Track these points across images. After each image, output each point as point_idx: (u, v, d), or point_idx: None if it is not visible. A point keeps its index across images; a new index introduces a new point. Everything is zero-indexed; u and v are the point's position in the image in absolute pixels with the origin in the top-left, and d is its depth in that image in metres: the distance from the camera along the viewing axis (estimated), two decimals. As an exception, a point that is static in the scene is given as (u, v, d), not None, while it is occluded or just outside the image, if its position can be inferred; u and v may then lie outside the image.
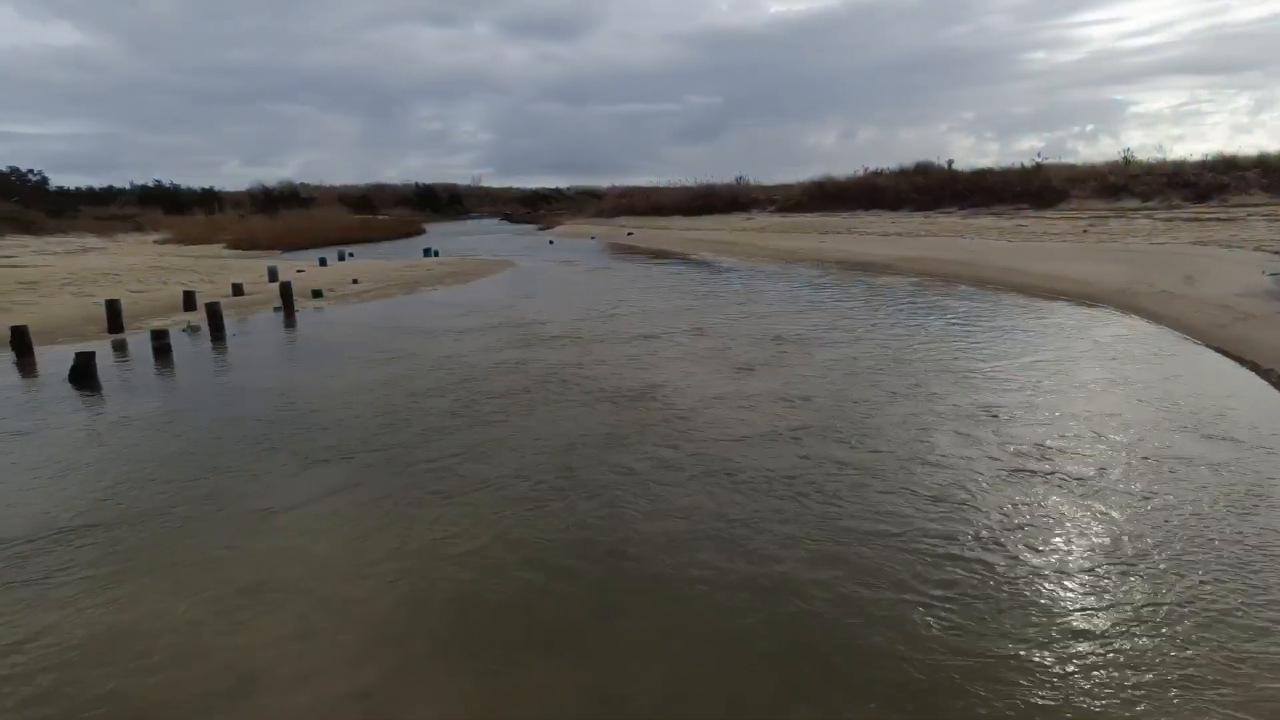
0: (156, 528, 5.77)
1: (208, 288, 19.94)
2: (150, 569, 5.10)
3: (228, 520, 5.87)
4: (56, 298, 17.26)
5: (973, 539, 5.24)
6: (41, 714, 3.65)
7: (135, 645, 4.19)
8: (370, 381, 10.40)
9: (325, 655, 4.08)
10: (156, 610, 4.56)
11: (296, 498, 6.29)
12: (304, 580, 4.88)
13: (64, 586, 4.88)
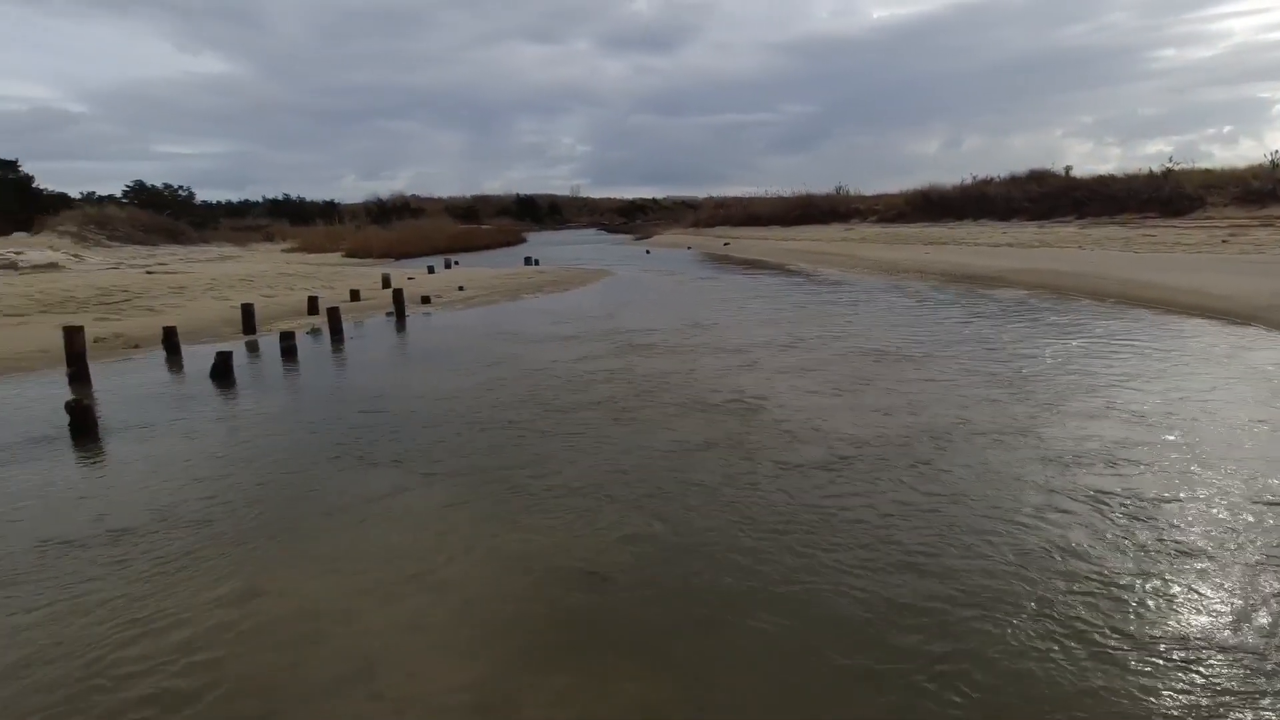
0: (283, 517, 6.17)
1: (328, 293, 21.26)
2: (276, 557, 5.46)
3: (344, 512, 6.21)
4: (200, 301, 18.87)
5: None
6: (190, 684, 3.97)
7: (267, 628, 4.49)
8: (474, 384, 10.81)
9: (436, 649, 4.24)
10: (282, 596, 4.86)
11: (405, 493, 6.58)
12: (413, 575, 5.10)
13: (197, 569, 5.28)
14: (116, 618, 4.62)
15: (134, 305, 17.54)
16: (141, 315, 16.76)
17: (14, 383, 11.44)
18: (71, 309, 16.54)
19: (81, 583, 5.08)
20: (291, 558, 5.42)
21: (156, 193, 52.98)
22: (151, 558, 5.43)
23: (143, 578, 5.13)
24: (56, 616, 4.66)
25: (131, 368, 12.75)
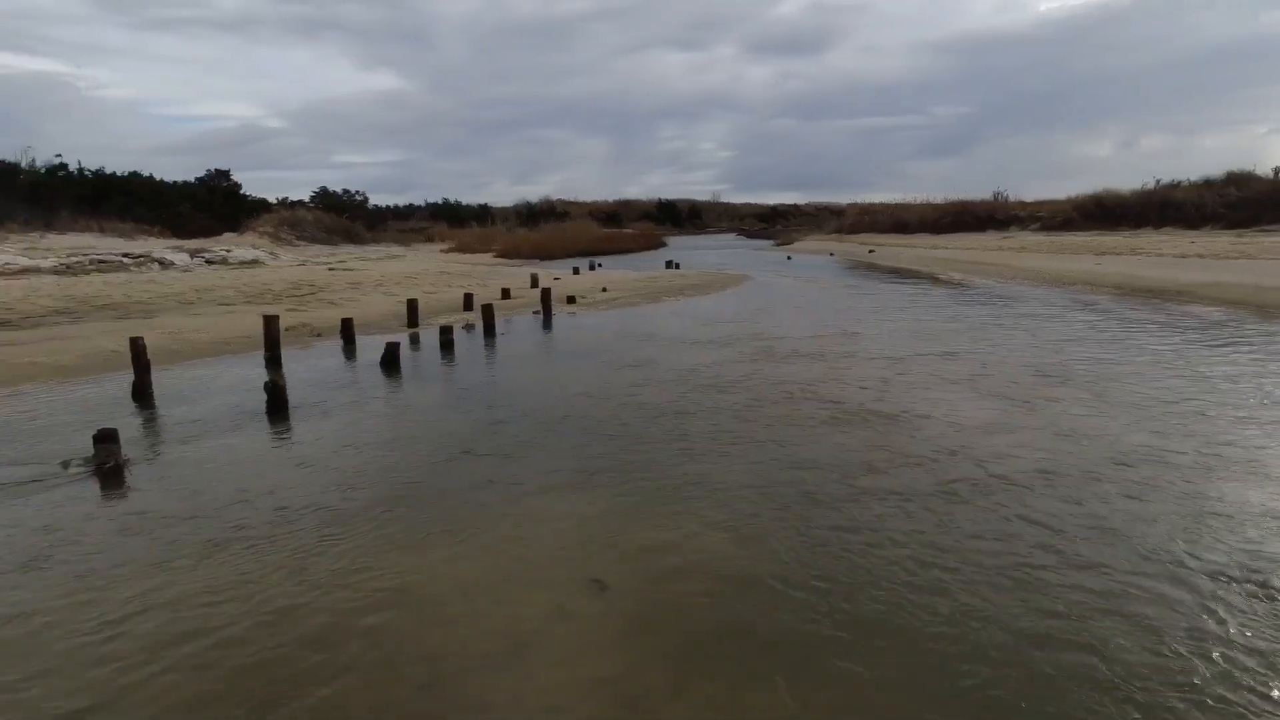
0: (441, 499, 6.57)
1: (482, 291, 22.55)
2: (437, 536, 5.81)
3: (496, 498, 6.54)
4: (371, 296, 20.64)
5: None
6: (361, 646, 4.33)
7: (430, 601, 4.81)
8: (619, 384, 11.08)
9: (584, 638, 4.36)
10: (442, 573, 5.18)
11: (553, 484, 6.82)
12: (562, 565, 5.28)
13: (366, 541, 5.72)
14: (295, 579, 5.13)
15: (317, 298, 19.47)
16: (324, 307, 18.56)
17: (225, 362, 13.03)
18: (268, 300, 18.61)
19: (264, 543, 5.70)
20: (450, 538, 5.78)
21: (337, 198, 58.47)
22: (322, 527, 5.97)
23: (314, 546, 5.65)
24: (242, 575, 5.25)
25: (314, 354, 14.13)
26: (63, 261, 21.57)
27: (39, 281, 19.09)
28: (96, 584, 5.06)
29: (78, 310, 16.47)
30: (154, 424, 9.22)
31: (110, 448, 7.45)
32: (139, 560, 5.41)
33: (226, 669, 4.11)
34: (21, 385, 11.04)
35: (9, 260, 20.53)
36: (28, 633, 4.48)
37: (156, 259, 24.32)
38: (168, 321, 15.99)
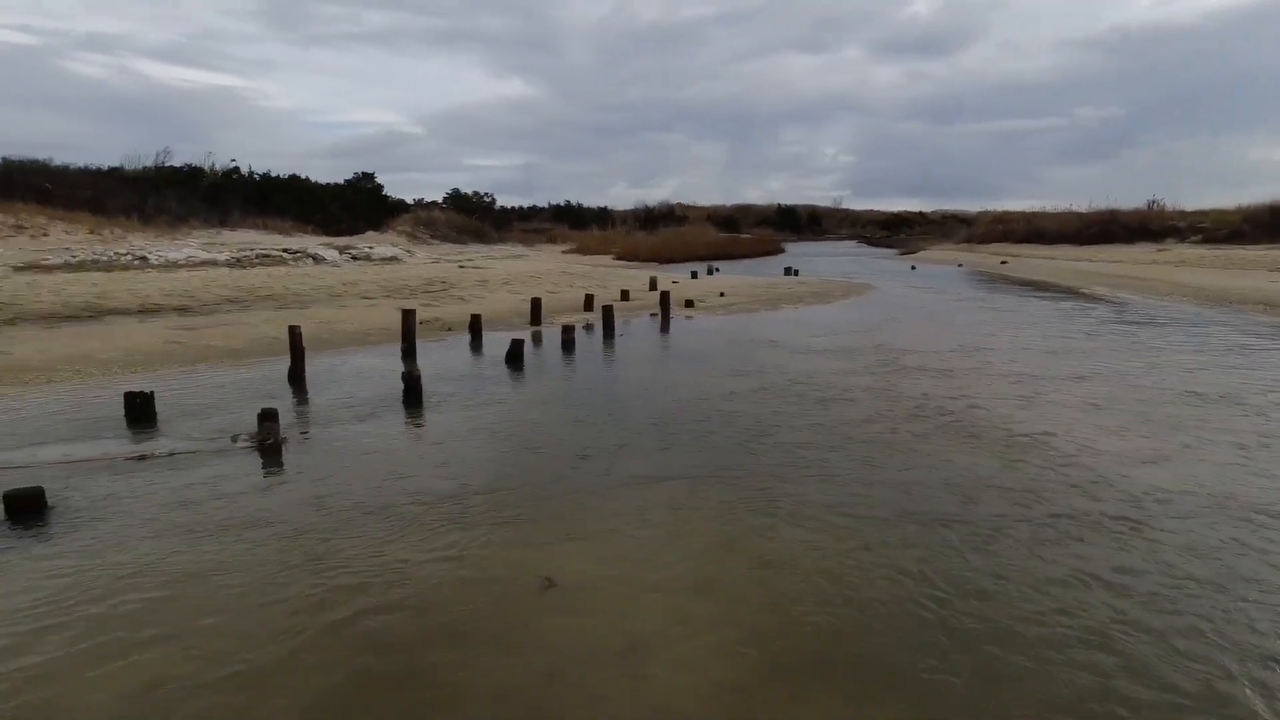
0: (563, 493, 6.79)
1: (601, 292, 23.06)
2: (558, 530, 6.01)
3: (615, 497, 6.67)
4: (497, 293, 21.60)
5: None
6: (486, 630, 4.55)
7: (551, 592, 5.00)
8: (736, 390, 11.05)
9: (701, 644, 4.39)
10: (563, 567, 5.35)
11: (670, 487, 6.89)
12: (680, 568, 5.34)
13: (489, 531, 6.00)
14: (425, 556, 5.45)
15: (449, 294, 20.60)
16: (454, 303, 19.60)
17: (366, 352, 14.04)
18: (405, 295, 19.87)
19: (399, 521, 6.09)
20: (568, 532, 5.96)
21: (467, 199, 61.50)
22: (450, 510, 6.30)
23: (442, 527, 5.97)
24: (377, 549, 5.64)
25: (445, 347, 14.95)
26: (234, 255, 23.97)
27: (215, 273, 21.30)
28: (252, 543, 5.60)
29: (245, 300, 18.23)
30: (306, 406, 10.06)
31: (271, 426, 8.21)
32: (287, 527, 5.93)
33: (359, 632, 4.45)
34: (198, 365, 12.35)
35: (191, 253, 23.06)
36: (204, 584, 5.02)
37: (311, 254, 26.53)
38: (319, 312, 17.40)
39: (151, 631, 4.46)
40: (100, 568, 5.27)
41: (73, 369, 11.45)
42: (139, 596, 4.88)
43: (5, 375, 10.87)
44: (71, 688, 3.93)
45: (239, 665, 4.13)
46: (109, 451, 7.82)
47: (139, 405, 9.02)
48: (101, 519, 6.09)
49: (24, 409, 9.42)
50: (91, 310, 15.61)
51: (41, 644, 4.32)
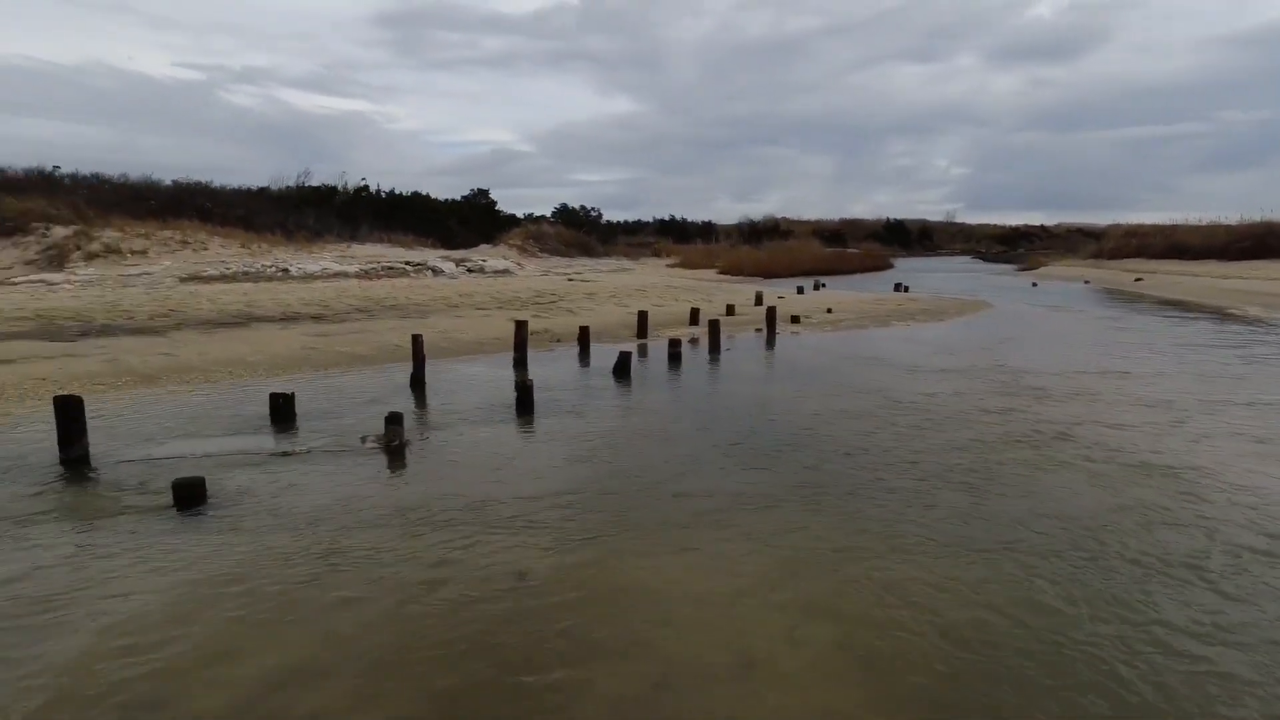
0: (672, 505, 6.85)
1: (707, 306, 23.10)
2: (667, 540, 6.07)
3: (722, 511, 6.66)
4: (605, 306, 22.06)
5: None
6: (602, 636, 4.65)
7: (661, 602, 5.05)
8: (844, 408, 10.80)
9: (814, 666, 4.34)
10: (672, 579, 5.40)
11: (777, 504, 6.83)
12: (789, 587, 5.28)
13: (591, 539, 6.13)
14: (540, 559, 5.62)
15: (558, 306, 21.23)
16: (563, 315, 20.19)
17: (480, 361, 14.68)
18: (516, 306, 20.64)
19: (514, 523, 6.31)
20: (679, 544, 6.00)
21: (574, 213, 63.16)
22: (564, 516, 6.48)
23: (557, 531, 6.14)
24: (493, 549, 5.88)
25: (554, 357, 15.40)
26: (363, 268, 25.70)
27: (345, 284, 22.92)
28: (380, 539, 5.97)
29: (372, 309, 19.48)
30: (426, 410, 10.63)
31: (396, 429, 8.72)
32: (411, 526, 6.29)
33: (474, 631, 4.64)
34: (331, 369, 13.28)
35: (326, 266, 24.90)
36: (338, 574, 5.40)
37: (430, 267, 28.05)
38: (438, 322, 18.35)
39: (293, 615, 4.84)
40: (251, 553, 5.77)
41: (226, 370, 12.59)
42: (283, 582, 5.30)
43: (172, 374, 12.08)
44: (225, 662, 4.31)
45: (366, 655, 4.41)
46: (257, 447, 8.54)
47: (282, 405, 9.79)
48: (252, 509, 6.66)
49: (187, 405, 10.43)
50: (242, 317, 17.12)
51: (201, 618, 4.78)
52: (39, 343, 13.90)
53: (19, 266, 23.81)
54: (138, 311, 17.06)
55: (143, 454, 8.15)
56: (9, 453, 8.09)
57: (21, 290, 19.50)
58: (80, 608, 4.90)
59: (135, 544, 5.90)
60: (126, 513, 6.53)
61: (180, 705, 3.92)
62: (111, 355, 13.10)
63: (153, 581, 5.27)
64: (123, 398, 10.65)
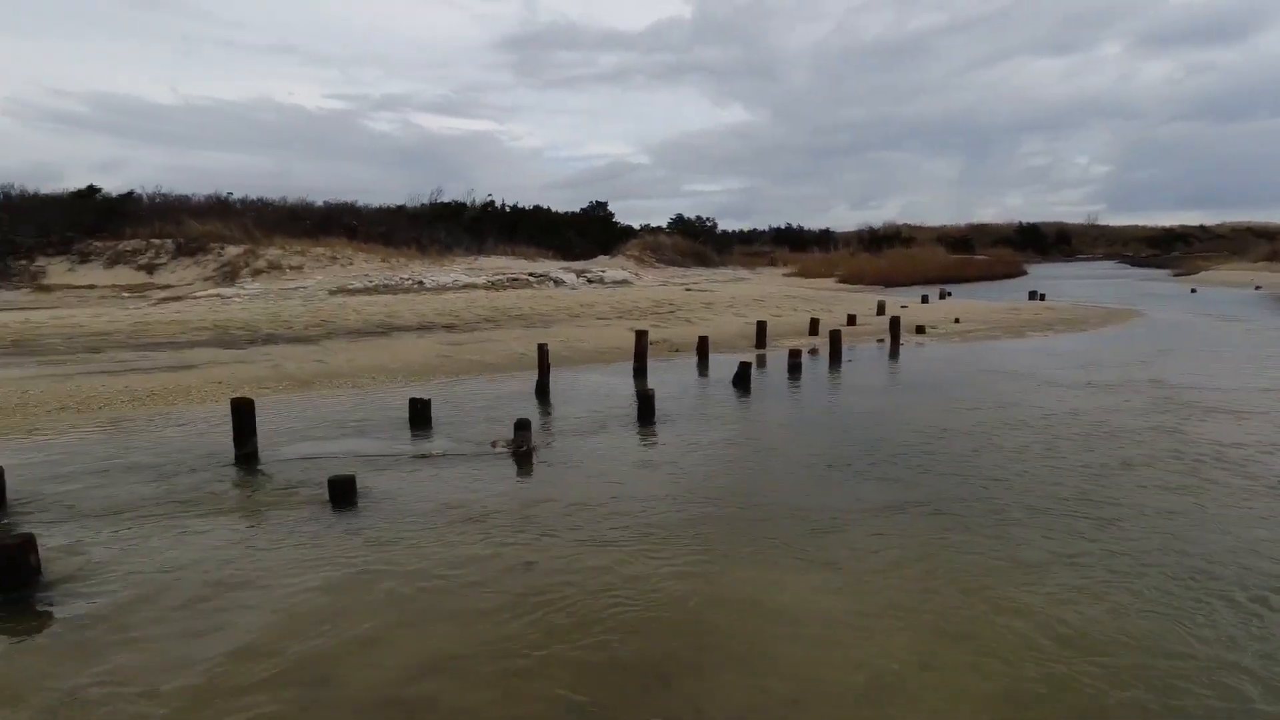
0: (794, 519, 6.74)
1: (826, 316, 22.62)
2: (791, 557, 5.99)
3: (850, 528, 6.49)
4: (722, 316, 22.07)
5: None
6: (730, 648, 4.66)
7: (790, 620, 4.99)
8: (976, 424, 10.27)
9: (949, 695, 4.16)
10: (798, 595, 5.32)
11: (903, 523, 6.59)
12: (920, 609, 5.09)
13: (727, 549, 6.11)
14: (665, 568, 5.69)
15: (676, 316, 21.44)
16: (681, 325, 20.37)
17: (600, 369, 15.06)
18: (635, 316, 21.03)
19: (639, 531, 6.42)
20: (804, 559, 5.91)
21: (690, 224, 63.51)
22: (686, 525, 6.51)
23: (680, 541, 6.18)
24: (618, 554, 6.00)
25: (673, 367, 15.55)
26: (490, 279, 27.03)
27: (474, 295, 24.17)
28: (511, 542, 6.24)
29: (499, 319, 20.43)
30: (551, 417, 11.02)
31: (524, 435, 9.11)
32: (539, 530, 6.53)
33: (602, 637, 4.74)
34: (461, 376, 14.04)
35: (456, 277, 26.40)
36: (475, 573, 5.71)
37: (552, 278, 29.08)
38: (560, 331, 18.98)
39: (435, 609, 5.14)
40: (396, 548, 6.19)
41: (369, 376, 13.58)
42: (425, 577, 5.65)
43: (323, 379, 13.18)
44: (377, 649, 4.64)
45: (502, 653, 4.62)
46: (398, 448, 9.16)
47: (419, 410, 10.45)
48: (396, 507, 7.15)
49: (336, 408, 11.34)
50: (383, 327, 18.42)
51: (355, 606, 5.18)
52: (216, 350, 15.54)
53: (199, 282, 26.80)
54: (295, 322, 18.73)
55: (300, 452, 8.93)
56: (196, 446, 9.09)
57: (202, 303, 21.89)
58: (254, 590, 5.44)
59: (298, 534, 6.47)
60: (289, 506, 7.18)
61: (341, 686, 4.26)
62: (274, 361, 14.44)
63: (313, 570, 5.76)
64: (282, 400, 11.72)
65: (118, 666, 4.44)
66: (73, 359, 14.47)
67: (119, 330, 17.35)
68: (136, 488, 7.61)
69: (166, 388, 12.13)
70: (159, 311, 20.48)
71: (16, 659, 4.60)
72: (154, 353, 15.23)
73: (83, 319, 18.70)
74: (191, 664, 4.46)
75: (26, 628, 4.96)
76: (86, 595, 5.34)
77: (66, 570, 5.68)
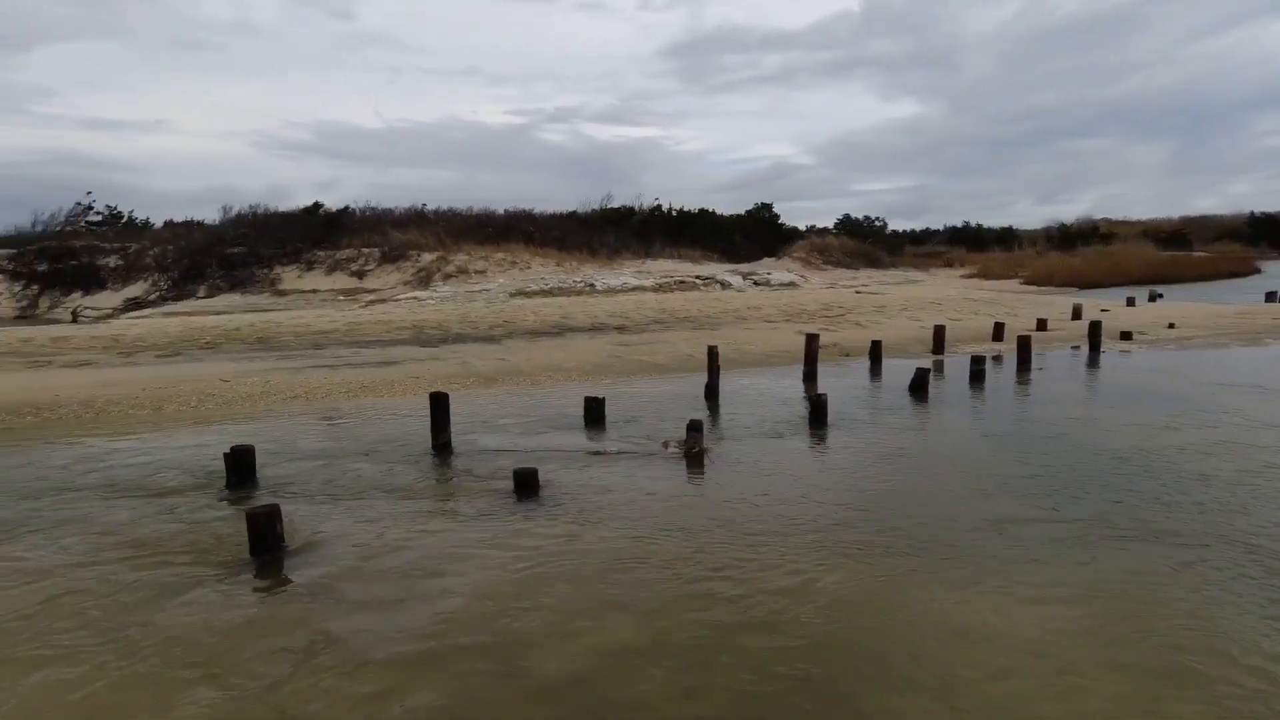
0: (981, 538, 6.32)
1: (1012, 320, 20.95)
2: (975, 577, 5.62)
3: (1046, 553, 5.98)
4: (895, 320, 21.12)
5: None
6: (913, 672, 4.47)
7: (978, 645, 4.70)
8: (1190, 442, 9.03)
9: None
10: (988, 620, 4.98)
11: (1114, 555, 5.95)
12: (1135, 647, 4.59)
13: (910, 564, 5.83)
14: (841, 580, 5.54)
15: (846, 319, 20.81)
16: (851, 328, 19.73)
17: (768, 373, 14.96)
18: (804, 319, 20.65)
19: (816, 540, 6.29)
20: (993, 582, 5.52)
21: (859, 224, 61.21)
22: (865, 536, 6.28)
23: (856, 553, 5.99)
24: (789, 566, 5.92)
25: (844, 372, 15.10)
26: (658, 282, 27.70)
27: (642, 297, 24.88)
28: (679, 542, 6.34)
29: (667, 320, 20.87)
30: (720, 419, 11.08)
31: (696, 436, 9.24)
32: (710, 533, 6.58)
33: (778, 641, 4.69)
34: (631, 376, 14.49)
35: (625, 280, 27.30)
36: (647, 570, 5.88)
37: (719, 280, 29.23)
38: (727, 333, 19.05)
39: (614, 602, 5.34)
40: (577, 540, 6.50)
41: (546, 374, 14.38)
42: (605, 571, 5.88)
43: (505, 376, 14.14)
44: (562, 636, 4.90)
45: (677, 649, 4.70)
46: (575, 444, 9.63)
47: (594, 408, 10.91)
48: (575, 501, 7.51)
49: (516, 404, 12.13)
50: (558, 327, 19.45)
51: (541, 593, 5.49)
52: (414, 348, 17.17)
53: (399, 286, 29.77)
54: (480, 322, 20.24)
55: (486, 444, 9.63)
56: (399, 434, 10.10)
57: (402, 305, 24.28)
58: (454, 566, 5.96)
59: (488, 522, 6.99)
60: (479, 493, 7.78)
61: (531, 670, 4.50)
62: (462, 359, 15.70)
63: (503, 556, 6.19)
64: (469, 395, 12.71)
65: (348, 622, 5.06)
66: (302, 354, 16.59)
67: (337, 329, 19.64)
68: (352, 468, 8.60)
69: (374, 381, 13.57)
70: (368, 313, 22.95)
71: (276, 608, 5.38)
72: (364, 349, 17.10)
73: (309, 319, 21.37)
74: (405, 628, 4.98)
75: (279, 584, 5.78)
76: (319, 562, 6.10)
77: (302, 539, 6.53)
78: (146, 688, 4.33)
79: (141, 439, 10.05)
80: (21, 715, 4.10)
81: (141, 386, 12.92)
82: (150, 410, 11.56)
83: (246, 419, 11.12)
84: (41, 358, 16.10)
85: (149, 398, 12.18)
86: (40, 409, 11.46)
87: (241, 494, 7.77)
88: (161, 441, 9.90)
